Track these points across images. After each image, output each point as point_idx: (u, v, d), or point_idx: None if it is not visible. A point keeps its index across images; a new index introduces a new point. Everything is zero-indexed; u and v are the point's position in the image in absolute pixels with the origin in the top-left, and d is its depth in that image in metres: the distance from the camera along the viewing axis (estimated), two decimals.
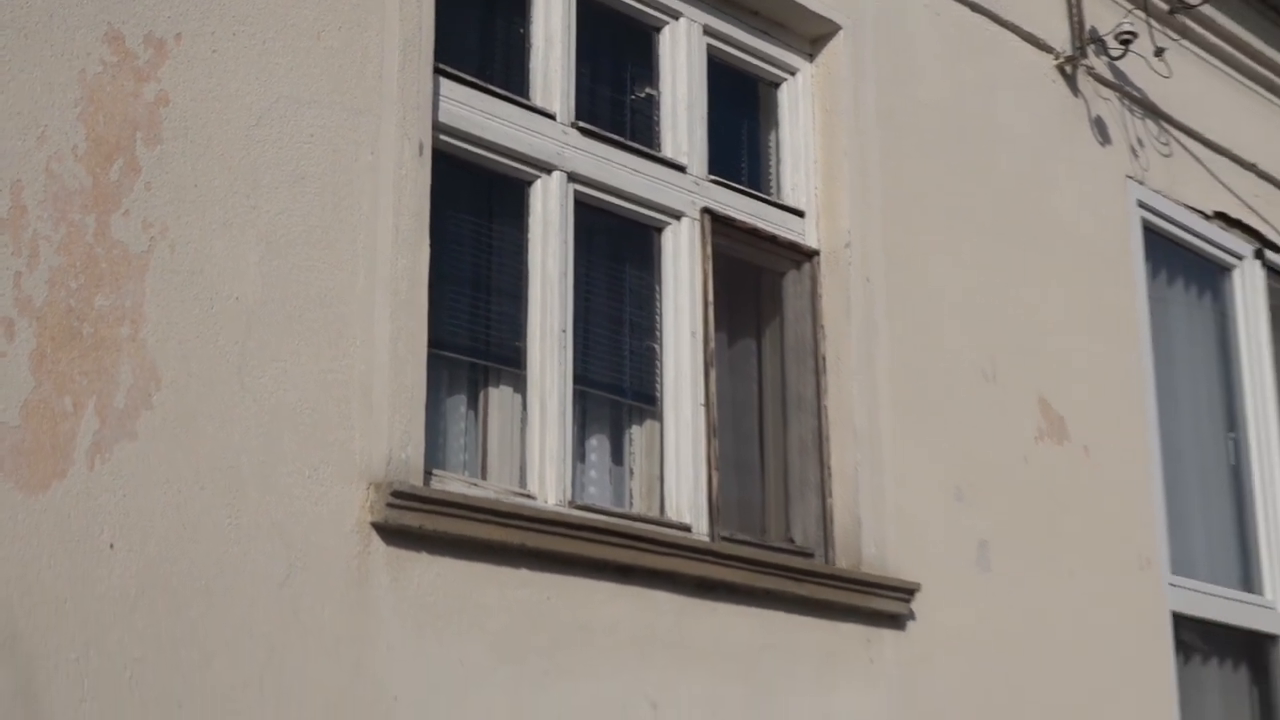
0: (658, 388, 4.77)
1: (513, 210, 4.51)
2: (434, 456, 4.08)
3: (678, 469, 4.66)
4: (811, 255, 5.15)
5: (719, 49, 5.12)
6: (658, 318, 4.81)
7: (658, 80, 4.97)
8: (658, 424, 4.75)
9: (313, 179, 3.77)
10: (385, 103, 3.96)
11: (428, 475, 3.92)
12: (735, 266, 5.02)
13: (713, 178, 4.95)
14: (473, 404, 4.41)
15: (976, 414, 5.45)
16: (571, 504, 4.30)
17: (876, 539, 4.93)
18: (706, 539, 4.54)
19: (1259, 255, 7.17)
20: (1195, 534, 6.59)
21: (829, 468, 4.97)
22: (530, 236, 4.48)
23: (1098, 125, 6.40)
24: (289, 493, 3.57)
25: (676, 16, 4.98)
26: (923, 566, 5.04)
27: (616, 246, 4.81)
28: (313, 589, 3.56)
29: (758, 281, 5.18)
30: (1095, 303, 6.15)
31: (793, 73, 5.33)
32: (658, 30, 4.99)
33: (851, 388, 5.02)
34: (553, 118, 4.55)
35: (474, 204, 4.46)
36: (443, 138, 4.20)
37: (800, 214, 5.20)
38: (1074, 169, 6.23)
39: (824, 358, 5.06)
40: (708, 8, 5.05)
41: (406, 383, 3.84)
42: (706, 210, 4.86)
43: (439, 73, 4.20)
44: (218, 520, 3.43)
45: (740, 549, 4.56)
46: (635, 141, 4.80)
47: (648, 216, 4.80)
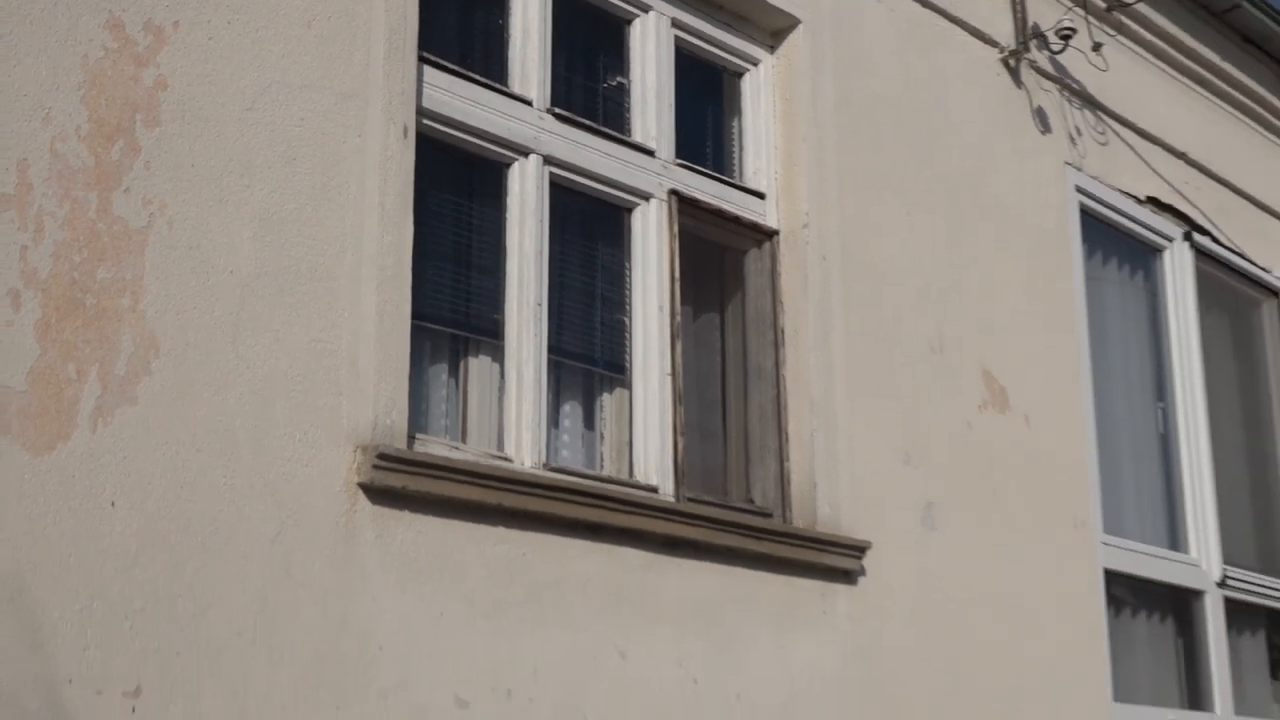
0: (627, 358, 4.77)
1: (492, 191, 4.50)
2: (417, 421, 4.08)
3: (645, 434, 4.67)
4: (771, 235, 5.15)
5: (686, 41, 5.11)
6: (627, 293, 4.81)
7: (628, 69, 4.96)
8: (627, 392, 4.75)
9: (303, 160, 3.76)
10: (371, 88, 3.94)
11: (411, 439, 3.92)
12: (700, 245, 5.02)
13: (680, 161, 4.95)
14: (453, 372, 4.40)
15: (924, 384, 5.47)
16: (546, 466, 4.30)
17: (830, 500, 4.95)
18: (672, 499, 4.55)
19: (1188, 238, 7.21)
20: (1126, 496, 6.63)
21: (787, 434, 4.98)
22: (508, 216, 4.47)
23: (1039, 115, 6.41)
24: (280, 455, 3.56)
25: (646, 10, 4.97)
26: (873, 526, 5.06)
27: (589, 225, 4.80)
28: (302, 545, 3.56)
29: (721, 259, 5.18)
30: (1035, 281, 6.18)
31: (755, 64, 5.32)
32: (629, 23, 4.98)
33: (808, 359, 5.03)
34: (530, 104, 4.54)
35: (455, 185, 4.45)
36: (426, 122, 4.18)
37: (761, 196, 5.20)
38: (1017, 156, 6.24)
39: (783, 331, 5.07)
40: (676, 2, 5.04)
41: (391, 352, 3.83)
42: (674, 192, 4.86)
43: (423, 60, 4.18)
44: (213, 480, 3.43)
45: (703, 509, 4.57)
46: (607, 127, 4.79)
47: (618, 197, 4.79)
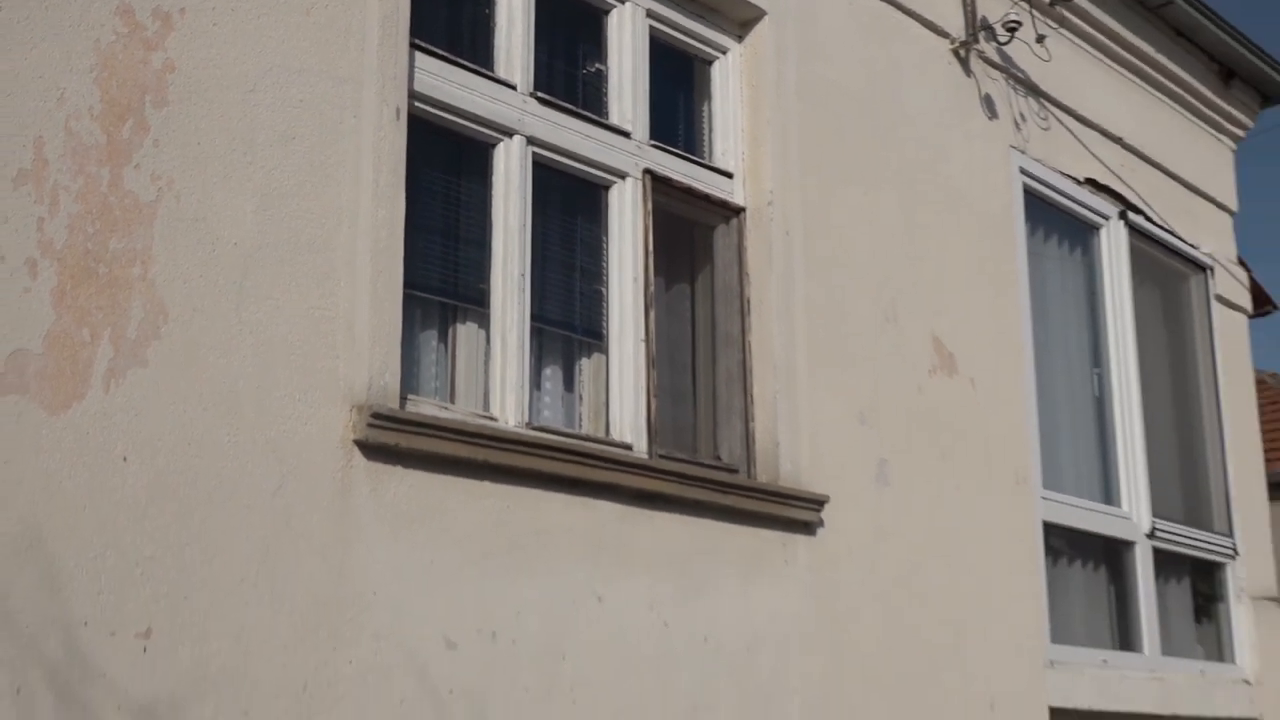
0: (604, 325, 4.76)
1: (478, 169, 4.48)
2: (409, 383, 4.08)
3: (621, 395, 4.68)
4: (738, 211, 5.15)
5: (660, 30, 5.09)
6: (604, 264, 4.80)
7: (606, 57, 4.94)
8: (604, 357, 4.75)
9: (302, 139, 3.74)
10: (366, 72, 3.92)
11: (403, 399, 3.92)
12: (672, 221, 5.01)
13: (653, 143, 4.93)
14: (443, 338, 4.40)
15: (879, 350, 5.49)
16: (528, 425, 4.30)
17: (792, 457, 4.97)
18: (645, 456, 4.56)
19: (1122, 216, 7.23)
20: (1064, 454, 6.67)
21: (752, 396, 4.99)
22: (493, 192, 4.46)
23: (986, 102, 6.42)
24: (281, 414, 3.55)
25: (623, 1, 4.94)
26: (831, 481, 5.08)
27: (569, 202, 4.79)
28: (302, 498, 3.56)
29: (692, 234, 5.18)
30: (982, 255, 6.19)
31: (724, 52, 5.31)
32: (606, 13, 4.96)
33: (771, 327, 5.04)
34: (514, 88, 4.52)
35: (444, 163, 4.43)
36: (417, 104, 4.17)
37: (729, 175, 5.19)
38: (965, 139, 6.25)
39: (748, 301, 5.07)
40: None
41: (385, 318, 3.82)
42: (648, 171, 4.84)
43: (414, 47, 4.16)
44: (219, 437, 3.42)
45: (674, 465, 4.58)
46: (586, 110, 4.77)
47: (596, 176, 4.78)
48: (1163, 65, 7.69)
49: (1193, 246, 7.79)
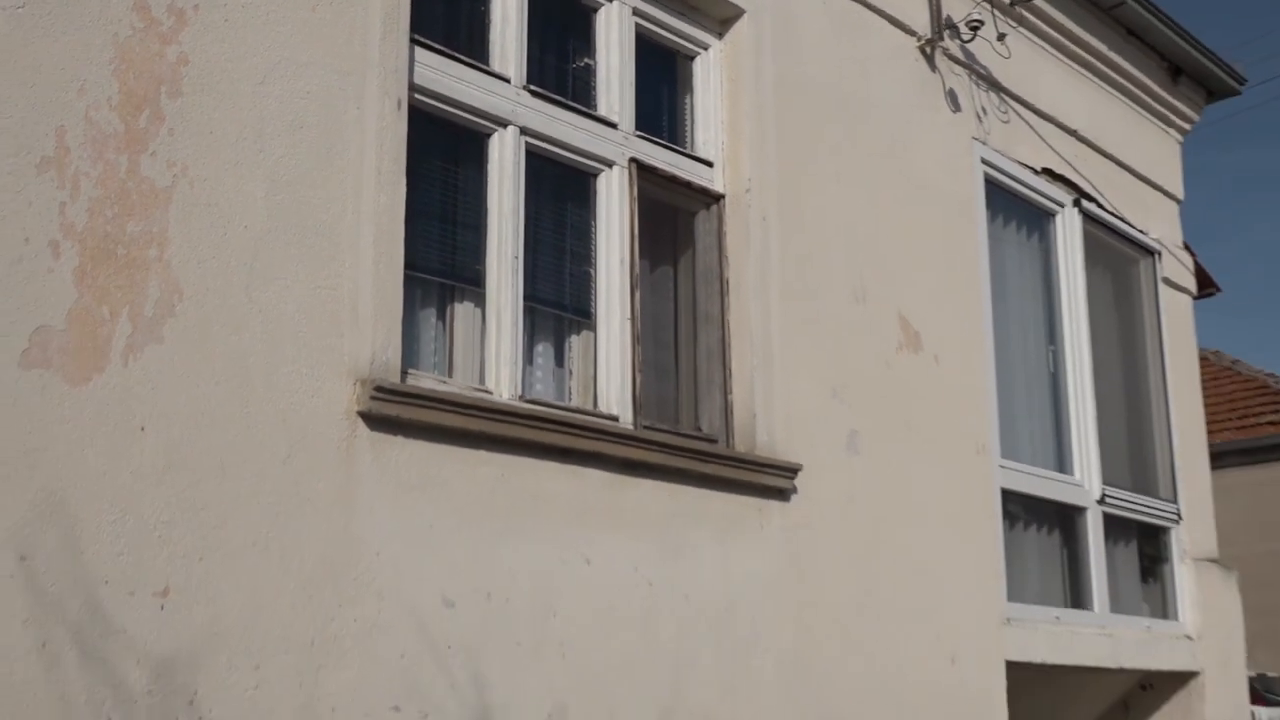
0: (592, 304, 4.76)
1: (474, 157, 4.47)
2: (409, 358, 4.07)
3: (608, 370, 4.67)
4: (718, 198, 5.14)
5: (645, 27, 5.07)
6: (593, 247, 4.80)
7: (594, 52, 4.92)
8: (592, 334, 4.75)
9: (309, 128, 3.72)
10: (369, 66, 3.90)
11: (404, 373, 3.91)
12: (656, 206, 5.00)
13: (639, 133, 4.92)
14: (441, 316, 4.39)
15: (849, 328, 5.49)
16: (521, 398, 4.30)
17: (767, 428, 4.97)
18: (631, 427, 4.56)
19: (1076, 204, 7.24)
20: (1020, 425, 6.69)
21: (730, 370, 5.00)
22: (489, 179, 4.44)
23: (950, 96, 6.41)
24: (289, 387, 3.55)
25: None
26: (804, 450, 5.09)
27: (560, 189, 4.77)
28: (309, 466, 3.55)
29: (674, 219, 5.17)
30: (946, 239, 6.20)
31: (705, 48, 5.29)
32: (595, 10, 4.94)
33: (749, 306, 5.04)
34: (508, 81, 4.50)
35: (443, 152, 4.41)
36: (417, 96, 4.15)
37: (710, 164, 5.18)
38: (930, 131, 6.24)
39: (727, 281, 5.06)
40: None
41: (387, 298, 3.82)
42: (634, 160, 4.83)
43: (414, 42, 4.13)
44: (231, 409, 3.41)
45: (658, 435, 4.59)
46: (576, 102, 4.75)
47: (585, 164, 4.76)
48: (1115, 62, 7.69)
49: (1141, 232, 7.81)
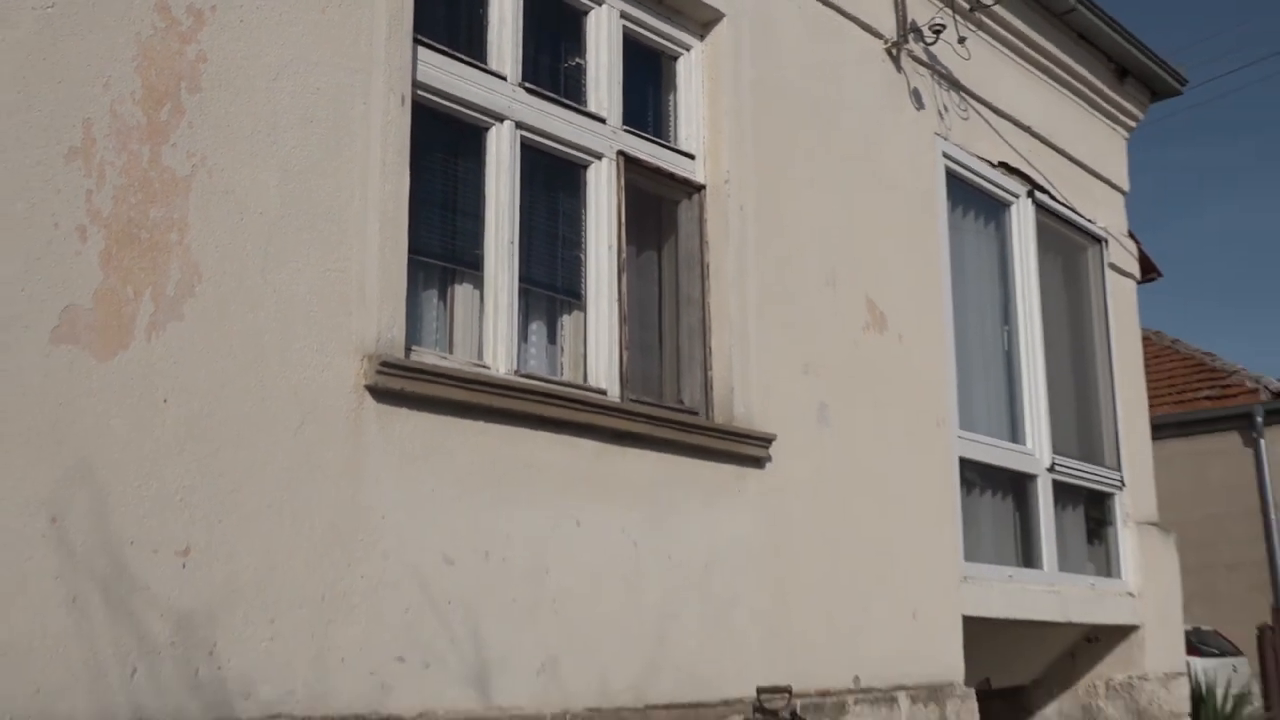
0: (582, 287, 4.74)
1: (473, 150, 4.44)
2: (413, 336, 4.05)
3: (597, 347, 4.66)
4: (700, 188, 5.12)
5: (632, 29, 5.04)
6: (583, 234, 4.77)
7: (585, 52, 4.89)
8: (582, 314, 4.73)
9: (319, 122, 3.69)
10: (375, 64, 3.88)
11: (408, 350, 3.89)
12: (642, 196, 4.98)
13: (626, 128, 4.89)
14: (442, 296, 4.37)
15: (820, 310, 5.49)
16: (517, 373, 4.29)
17: (744, 401, 4.97)
18: (618, 400, 4.55)
19: (1030, 195, 7.23)
20: (977, 400, 6.70)
21: (710, 348, 4.99)
22: (487, 170, 4.42)
23: (915, 95, 6.39)
24: (301, 362, 3.53)
25: (600, 3, 4.89)
26: (779, 422, 5.09)
27: (552, 179, 4.75)
28: (320, 436, 3.54)
29: (659, 207, 5.15)
30: (909, 228, 6.19)
31: (688, 49, 5.26)
32: (585, 13, 4.91)
33: (727, 289, 5.03)
34: (505, 79, 4.47)
35: (444, 144, 4.38)
36: (420, 93, 4.12)
37: (691, 157, 5.16)
38: (896, 127, 6.23)
39: (707, 266, 5.05)
40: None
41: (391, 279, 3.80)
42: (621, 153, 4.81)
43: (417, 42, 4.10)
44: (247, 383, 3.40)
45: (644, 408, 4.58)
46: (568, 98, 4.73)
47: (576, 157, 4.74)
48: (1066, 64, 7.68)
49: (1090, 221, 7.81)
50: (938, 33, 6.35)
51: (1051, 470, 7.00)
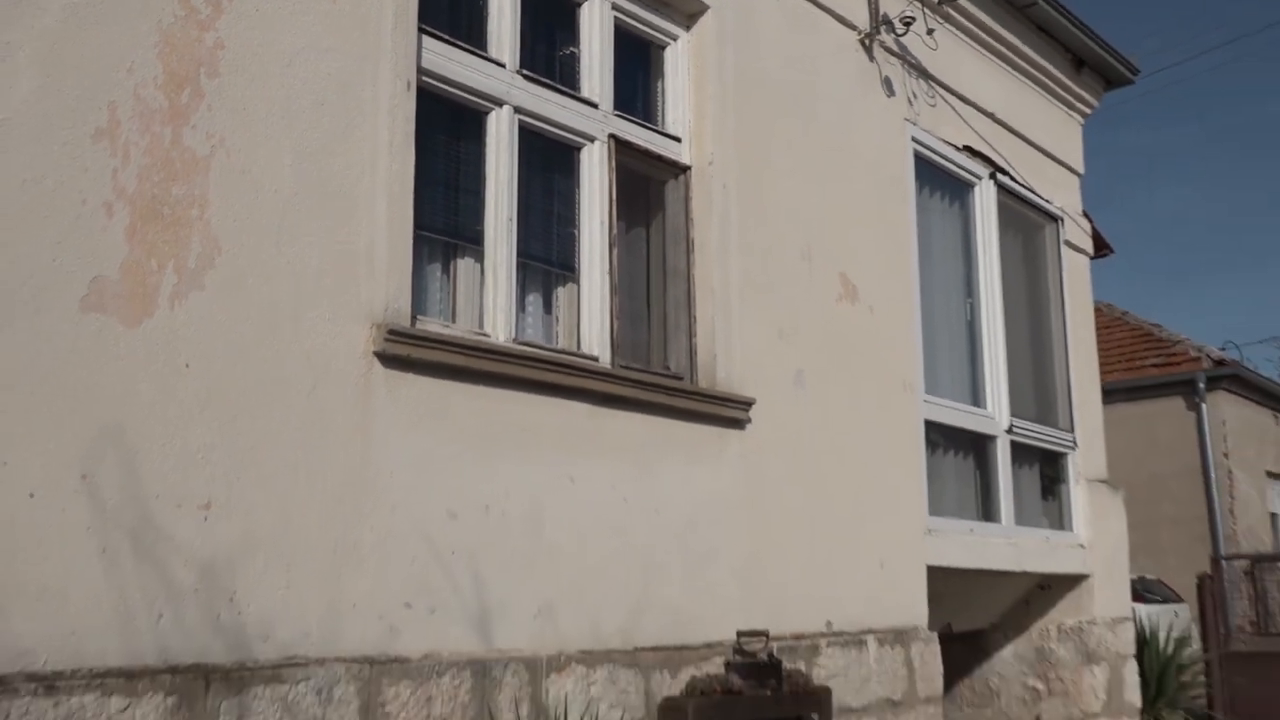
0: (576, 260, 4.73)
1: (474, 133, 4.41)
2: (418, 306, 4.04)
3: (589, 317, 4.65)
4: (685, 169, 5.10)
5: (622, 20, 5.00)
6: (576, 211, 4.76)
7: (579, 41, 4.86)
8: (576, 286, 4.72)
9: (330, 105, 3.67)
10: (382, 52, 3.85)
11: (414, 319, 3.88)
12: (632, 176, 4.96)
13: (617, 112, 4.87)
14: (445, 269, 4.36)
15: (796, 282, 5.48)
16: (515, 341, 4.28)
17: (726, 367, 4.97)
18: (609, 366, 4.55)
19: (992, 176, 7.22)
20: (942, 366, 6.70)
21: (694, 318, 4.98)
22: (487, 151, 4.40)
23: (886, 83, 6.37)
24: (314, 330, 3.52)
25: None
26: (758, 386, 5.10)
27: (548, 160, 4.73)
28: (331, 398, 3.54)
29: (647, 187, 5.13)
30: (880, 207, 6.18)
31: (674, 39, 5.23)
32: (579, 5, 4.87)
33: (711, 263, 5.02)
34: (504, 66, 4.45)
35: (447, 127, 4.36)
36: (424, 78, 4.09)
37: (678, 140, 5.14)
38: (869, 113, 6.21)
39: (692, 241, 5.04)
40: None
41: (398, 253, 3.78)
42: (612, 136, 4.79)
43: (422, 31, 4.08)
44: (263, 349, 3.39)
45: (632, 373, 4.58)
46: (563, 85, 4.70)
47: (570, 139, 4.72)
48: (1027, 54, 7.65)
49: (1047, 201, 7.81)
50: (908, 24, 6.32)
51: (1009, 432, 7.03)
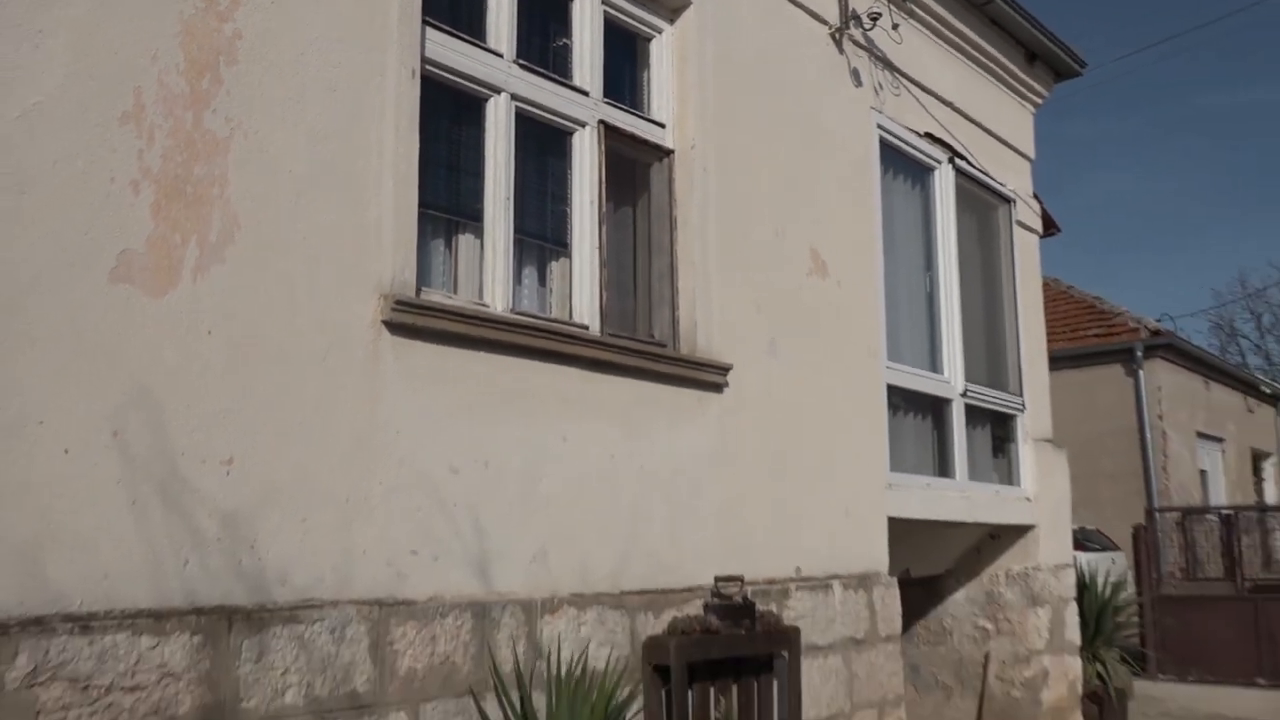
0: (568, 237, 4.71)
1: (474, 118, 4.38)
2: (423, 278, 4.02)
3: (580, 289, 4.64)
4: (669, 153, 5.08)
5: (612, 13, 4.96)
6: (569, 191, 4.73)
7: (571, 33, 4.82)
8: (568, 260, 4.71)
9: (341, 92, 3.63)
10: (389, 42, 3.81)
11: (419, 290, 3.87)
12: (620, 159, 4.93)
13: (607, 100, 4.84)
14: (448, 245, 4.33)
15: (770, 258, 5.48)
16: (512, 311, 4.27)
17: (706, 335, 4.97)
18: (599, 334, 4.55)
19: (951, 161, 7.21)
20: (903, 335, 6.72)
21: (677, 289, 4.98)
22: (486, 135, 4.36)
23: (854, 74, 6.34)
24: (327, 300, 3.51)
25: None
26: (735, 353, 5.10)
27: (543, 144, 4.69)
28: (343, 363, 3.52)
29: (634, 169, 5.11)
30: (848, 188, 6.17)
31: (660, 31, 5.19)
32: (571, 0, 4.84)
33: (692, 239, 5.01)
34: (501, 56, 4.41)
35: (449, 113, 4.32)
36: (428, 67, 4.05)
37: (662, 125, 5.10)
38: (838, 102, 6.18)
39: (675, 219, 5.02)
40: None
41: (404, 230, 3.76)
42: (602, 121, 4.76)
43: (426, 23, 4.03)
44: (280, 317, 3.38)
45: (620, 341, 4.57)
46: (556, 74, 4.66)
47: (563, 125, 4.68)
48: (983, 48, 7.62)
49: (1001, 185, 7.80)
50: (875, 20, 6.29)
51: (964, 395, 7.06)
